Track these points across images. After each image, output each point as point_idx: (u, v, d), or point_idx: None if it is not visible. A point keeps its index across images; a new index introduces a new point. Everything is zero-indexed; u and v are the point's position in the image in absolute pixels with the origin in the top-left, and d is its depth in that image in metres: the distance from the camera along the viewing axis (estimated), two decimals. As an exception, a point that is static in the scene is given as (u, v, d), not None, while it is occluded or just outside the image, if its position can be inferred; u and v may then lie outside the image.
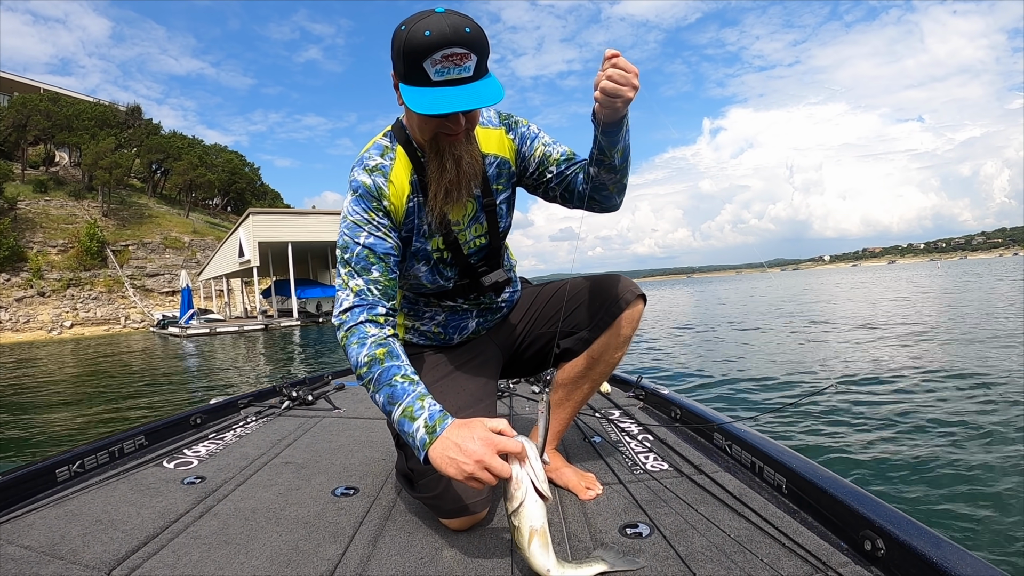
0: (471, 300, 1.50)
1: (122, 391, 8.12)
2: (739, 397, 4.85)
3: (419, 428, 1.09)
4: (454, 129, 1.20)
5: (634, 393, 2.39)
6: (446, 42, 1.07)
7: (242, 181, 65.19)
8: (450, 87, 1.11)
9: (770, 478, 1.38)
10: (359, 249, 1.26)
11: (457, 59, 1.09)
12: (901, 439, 3.42)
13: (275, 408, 2.54)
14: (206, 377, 9.73)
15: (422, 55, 1.08)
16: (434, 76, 1.10)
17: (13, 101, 50.27)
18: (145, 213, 49.58)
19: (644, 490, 1.42)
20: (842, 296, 20.14)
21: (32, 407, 7.07)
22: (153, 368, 11.77)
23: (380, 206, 1.28)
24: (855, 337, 8.29)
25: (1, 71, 64.36)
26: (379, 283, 1.25)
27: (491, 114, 1.43)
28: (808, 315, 13.08)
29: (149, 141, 56.05)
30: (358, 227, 1.27)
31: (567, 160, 1.40)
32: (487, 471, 0.99)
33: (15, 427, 5.78)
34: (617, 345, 1.45)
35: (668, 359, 7.57)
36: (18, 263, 37.79)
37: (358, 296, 1.24)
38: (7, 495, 1.46)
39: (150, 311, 38.57)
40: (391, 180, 1.29)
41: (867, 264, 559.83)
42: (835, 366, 5.95)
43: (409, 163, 1.31)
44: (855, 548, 1.06)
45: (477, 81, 1.13)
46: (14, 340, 31.65)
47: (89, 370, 12.16)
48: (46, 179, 47.68)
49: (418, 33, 1.08)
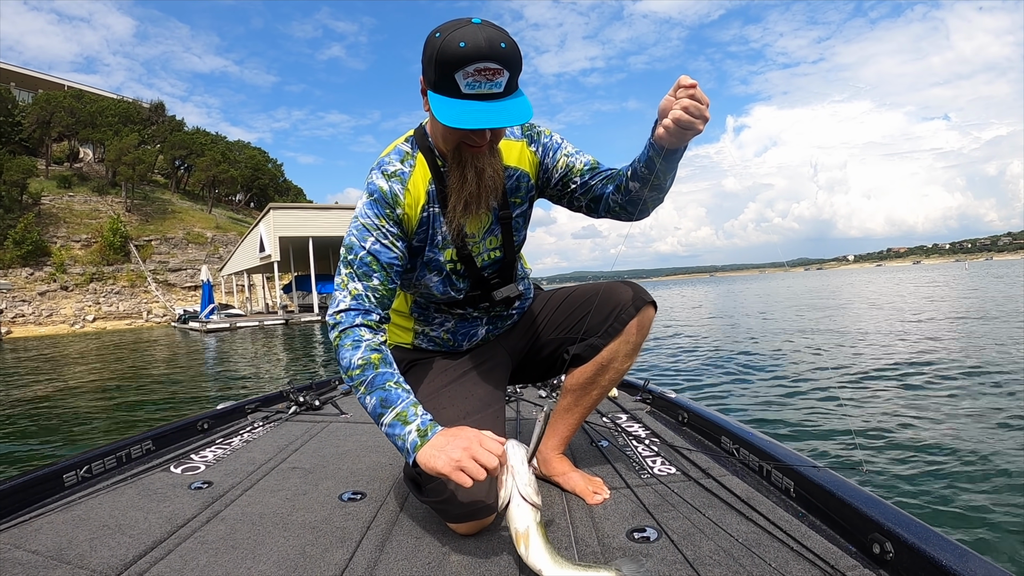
0: (481, 309, 1.50)
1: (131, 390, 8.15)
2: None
3: (411, 432, 1.12)
4: (478, 142, 1.21)
5: (641, 397, 2.39)
6: (480, 56, 1.07)
7: (265, 177, 65.93)
8: (480, 101, 1.11)
9: (778, 482, 1.38)
10: (363, 254, 1.26)
11: (490, 74, 1.09)
12: (909, 440, 3.39)
13: (282, 413, 2.55)
14: (225, 373, 9.79)
15: (455, 66, 1.08)
16: (464, 89, 1.10)
17: (37, 98, 51.09)
18: (168, 209, 50.36)
19: (652, 494, 1.41)
20: (885, 301, 17.77)
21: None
22: (169, 361, 11.85)
23: (393, 214, 1.27)
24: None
25: (26, 69, 65.74)
26: (377, 291, 1.26)
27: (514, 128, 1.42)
28: (841, 325, 11.41)
29: (172, 137, 56.87)
30: (367, 231, 1.27)
31: (591, 170, 1.40)
32: (474, 460, 1.03)
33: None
34: (627, 352, 1.44)
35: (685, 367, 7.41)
36: (42, 258, 38.51)
37: (355, 300, 1.25)
38: (15, 500, 1.46)
39: (172, 306, 39.03)
40: (408, 188, 1.29)
41: (892, 264, 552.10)
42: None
43: (428, 172, 1.31)
44: (864, 551, 1.06)
45: (507, 98, 1.13)
46: (37, 333, 32.06)
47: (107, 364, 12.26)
48: (70, 175, 48.59)
49: (453, 43, 1.07)
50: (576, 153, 1.42)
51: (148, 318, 38.06)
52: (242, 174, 60.28)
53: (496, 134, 1.23)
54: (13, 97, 50.53)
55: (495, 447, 1.06)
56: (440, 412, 1.38)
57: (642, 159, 1.25)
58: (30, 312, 34.93)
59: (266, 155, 71.06)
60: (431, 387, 1.45)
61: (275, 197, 62.15)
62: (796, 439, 3.67)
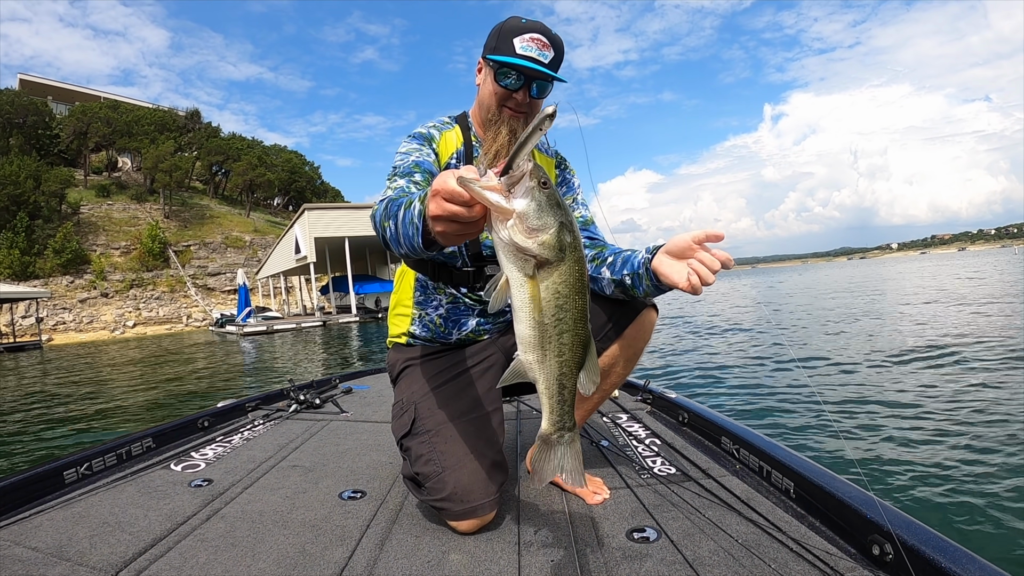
0: (474, 296, 1.50)
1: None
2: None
3: (415, 204, 1.08)
4: (519, 103, 1.40)
5: (642, 397, 2.38)
6: (537, 29, 1.36)
7: (302, 179, 66.26)
8: (529, 62, 1.34)
9: (778, 482, 1.37)
10: (409, 161, 1.37)
11: (541, 44, 1.35)
12: (910, 442, 3.39)
13: (282, 411, 2.55)
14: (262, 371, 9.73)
15: (515, 32, 1.35)
16: (519, 49, 1.34)
17: (73, 110, 51.76)
18: (206, 214, 50.75)
19: (652, 494, 1.41)
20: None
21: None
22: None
23: (430, 146, 1.44)
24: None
25: (62, 82, 66.74)
26: (419, 185, 1.31)
27: (551, 146, 1.61)
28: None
29: (209, 143, 57.37)
30: (409, 153, 1.40)
31: (581, 224, 1.52)
32: (445, 187, 0.92)
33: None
34: (628, 356, 1.43)
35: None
36: (82, 266, 39.07)
37: (397, 191, 1.27)
38: (15, 497, 1.47)
39: (211, 309, 39.24)
40: (443, 137, 1.48)
41: (936, 252, 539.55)
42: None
43: (461, 137, 1.49)
44: (863, 552, 1.06)
45: (550, 70, 1.37)
46: (77, 340, 32.46)
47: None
48: (109, 184, 49.12)
49: (516, 21, 1.38)
50: (579, 204, 1.58)
51: (188, 322, 38.38)
52: (279, 177, 60.76)
53: (534, 105, 1.42)
54: (50, 110, 51.37)
55: (459, 171, 0.98)
56: (434, 412, 1.38)
57: (634, 280, 1.28)
58: (71, 319, 35.38)
59: (303, 158, 71.43)
60: (425, 387, 1.45)
61: (313, 199, 62.24)
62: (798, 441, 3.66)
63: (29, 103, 47.75)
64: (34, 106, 47.87)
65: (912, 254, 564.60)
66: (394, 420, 1.49)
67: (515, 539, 1.22)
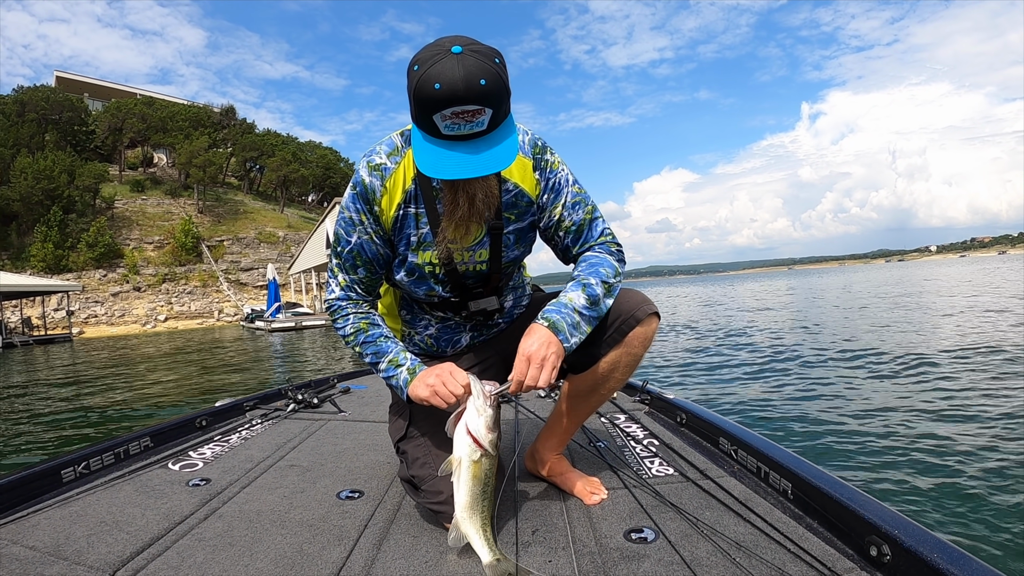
0: (462, 316, 1.46)
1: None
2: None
3: (402, 372, 1.29)
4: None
5: (640, 397, 2.38)
6: (456, 99, 1.01)
7: (337, 176, 66.43)
8: (461, 142, 1.08)
9: (776, 483, 1.38)
10: (349, 247, 1.32)
11: (469, 116, 1.04)
12: (909, 444, 3.39)
13: (280, 411, 2.55)
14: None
15: (431, 108, 1.04)
16: (444, 130, 1.07)
17: (109, 106, 52.16)
18: (240, 209, 51.03)
19: (649, 495, 1.41)
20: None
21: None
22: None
23: (371, 210, 1.27)
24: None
25: (99, 79, 67.31)
26: (363, 281, 1.37)
27: (524, 139, 1.33)
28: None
29: (243, 140, 57.64)
30: (351, 225, 1.30)
31: (575, 232, 1.38)
32: (444, 385, 1.20)
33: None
34: (628, 363, 1.38)
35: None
36: (115, 259, 39.74)
37: (343, 289, 1.37)
38: (12, 495, 1.46)
39: (243, 304, 39.44)
40: (386, 185, 1.26)
41: (976, 255, 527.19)
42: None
43: (412, 171, 1.27)
44: (861, 554, 1.06)
45: (492, 132, 1.10)
46: (108, 333, 32.84)
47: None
48: (143, 179, 49.71)
49: (428, 84, 1.02)
50: (572, 208, 1.37)
51: (219, 317, 38.71)
52: (313, 173, 60.99)
53: None
54: (86, 106, 51.86)
55: (462, 378, 1.20)
56: (429, 415, 1.37)
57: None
58: (103, 312, 35.80)
59: (338, 154, 71.72)
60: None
61: (347, 195, 63.13)
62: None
63: (65, 99, 48.28)
64: (70, 102, 48.39)
65: (952, 256, 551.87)
66: (391, 422, 1.48)
67: (512, 540, 1.22)
